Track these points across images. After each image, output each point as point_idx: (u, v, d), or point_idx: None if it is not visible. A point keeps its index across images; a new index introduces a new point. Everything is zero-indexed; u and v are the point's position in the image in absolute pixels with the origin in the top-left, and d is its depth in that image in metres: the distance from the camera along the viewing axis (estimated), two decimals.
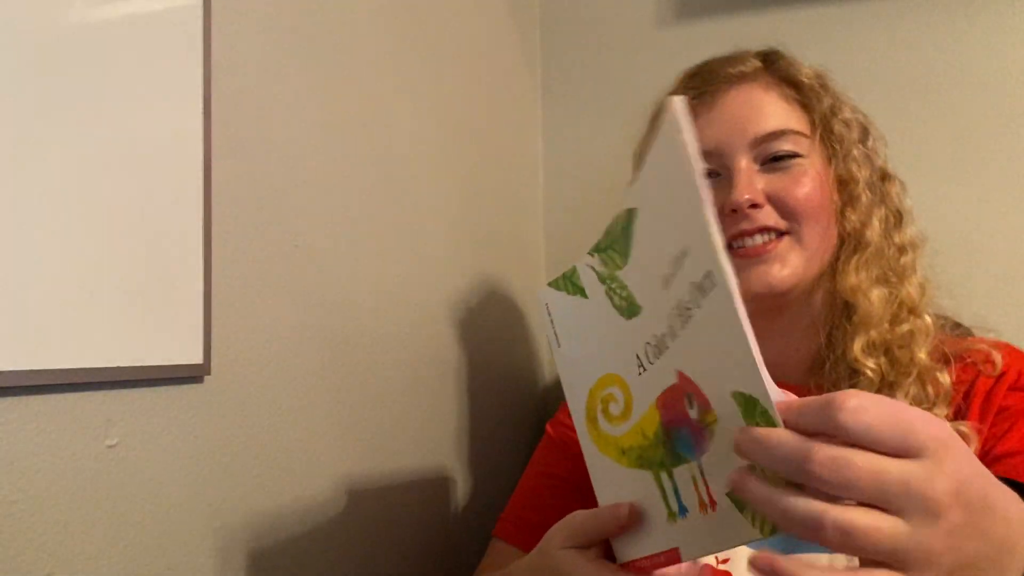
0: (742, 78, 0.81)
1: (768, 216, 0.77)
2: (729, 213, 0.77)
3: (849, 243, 0.79)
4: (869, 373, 0.75)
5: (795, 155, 0.78)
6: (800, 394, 0.79)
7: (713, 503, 0.49)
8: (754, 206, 0.76)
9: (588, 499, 0.83)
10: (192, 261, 0.67)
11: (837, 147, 0.79)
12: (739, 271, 0.74)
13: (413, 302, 0.96)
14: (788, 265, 0.77)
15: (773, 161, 0.78)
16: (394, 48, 0.95)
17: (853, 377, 0.76)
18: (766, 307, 0.80)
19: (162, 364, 0.64)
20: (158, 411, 0.65)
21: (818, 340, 0.80)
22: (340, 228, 0.85)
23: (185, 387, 0.67)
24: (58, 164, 0.57)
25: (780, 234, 0.77)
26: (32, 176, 0.55)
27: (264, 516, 0.75)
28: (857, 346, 0.76)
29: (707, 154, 0.79)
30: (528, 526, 0.85)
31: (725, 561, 0.75)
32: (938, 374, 0.74)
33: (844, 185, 0.80)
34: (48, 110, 0.56)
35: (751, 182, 0.77)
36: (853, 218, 0.79)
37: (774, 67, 0.82)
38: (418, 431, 0.97)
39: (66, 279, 0.57)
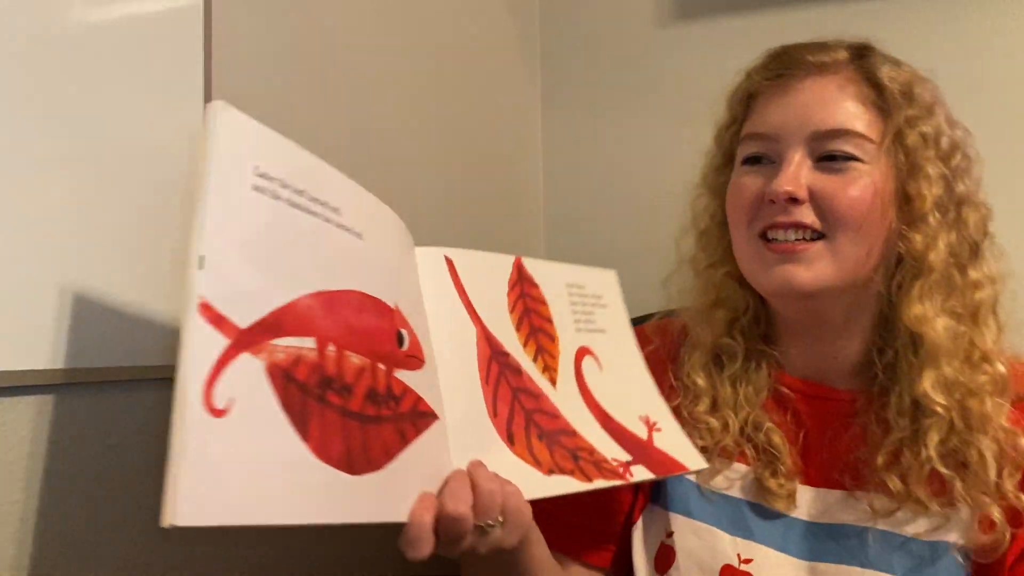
0: (822, 69, 0.77)
1: (806, 214, 0.73)
2: (767, 202, 0.75)
3: (909, 265, 0.74)
4: (939, 410, 0.71)
5: (852, 158, 0.74)
6: (844, 399, 0.79)
7: None
8: (793, 200, 0.73)
9: (611, 493, 0.83)
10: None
11: (906, 160, 0.74)
12: (767, 266, 0.75)
13: None
14: (813, 269, 0.73)
15: (828, 160, 0.74)
16: (393, 49, 0.95)
17: (921, 415, 0.72)
18: (798, 308, 0.78)
19: (165, 364, 0.64)
20: (160, 410, 0.65)
21: (861, 351, 0.78)
22: None
23: None
24: (58, 165, 0.57)
25: (816, 236, 0.74)
26: (32, 177, 0.56)
27: None
28: (927, 382, 0.72)
29: (764, 137, 0.77)
30: (550, 522, 0.80)
31: (748, 561, 0.75)
32: (1019, 439, 0.70)
33: (909, 202, 0.74)
34: (49, 110, 0.57)
35: (796, 175, 0.74)
36: (917, 239, 0.74)
37: (861, 62, 0.77)
38: None
39: (67, 280, 0.57)
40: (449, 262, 0.68)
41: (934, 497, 0.71)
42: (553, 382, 0.72)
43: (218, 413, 0.44)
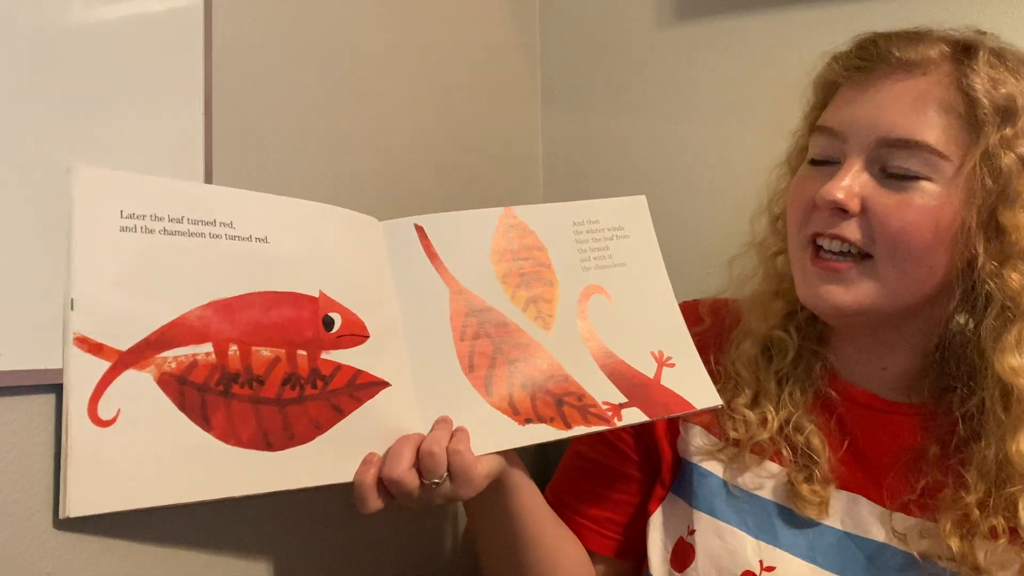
0: (909, 68, 0.68)
1: (851, 230, 0.67)
2: (817, 208, 0.69)
3: (1003, 307, 0.66)
4: None
5: (918, 176, 0.66)
6: (896, 412, 0.74)
7: None
8: (840, 210, 0.67)
9: (622, 483, 0.83)
10: None
11: (996, 185, 0.65)
12: (808, 281, 0.71)
13: None
14: (852, 292, 0.68)
15: (891, 174, 0.67)
16: (394, 48, 0.94)
17: (1008, 478, 0.65)
18: (839, 323, 0.75)
19: None
20: None
21: (915, 367, 0.74)
22: None
23: None
24: (59, 165, 0.57)
25: (862, 255, 0.68)
26: (32, 176, 0.56)
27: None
28: (1023, 442, 0.65)
29: (831, 133, 0.71)
30: (559, 505, 0.83)
31: (770, 569, 0.73)
32: None
33: (1003, 234, 0.66)
34: (48, 111, 0.56)
35: (850, 183, 0.67)
36: (1013, 278, 0.65)
37: (958, 66, 0.67)
38: None
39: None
40: (419, 229, 0.72)
41: (999, 563, 0.66)
42: (547, 328, 0.73)
43: (104, 423, 0.53)
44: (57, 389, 0.56)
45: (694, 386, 0.74)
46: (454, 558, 0.98)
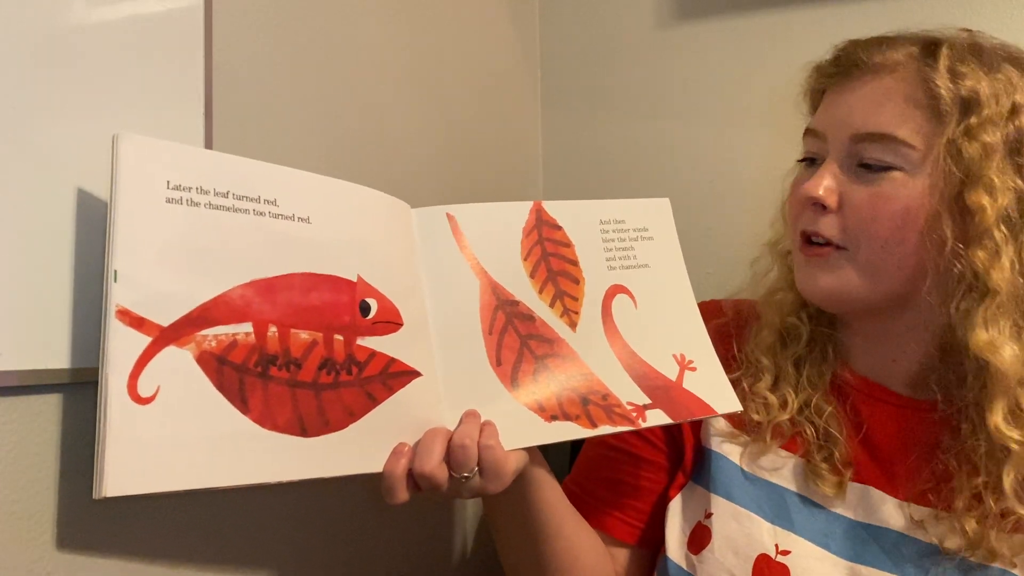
0: (878, 70, 0.73)
1: (828, 226, 0.72)
2: (798, 205, 0.75)
3: (970, 286, 0.69)
4: (1014, 447, 0.67)
5: (889, 167, 0.70)
6: (906, 405, 0.76)
7: None
8: (819, 205, 0.72)
9: (647, 470, 0.84)
10: None
11: (961, 171, 0.68)
12: (800, 269, 0.76)
13: None
14: (837, 276, 0.72)
15: (865, 167, 0.71)
16: (393, 48, 0.95)
17: (997, 451, 0.68)
18: (837, 311, 0.78)
19: None
20: None
21: (920, 361, 0.75)
22: None
23: None
24: (59, 165, 0.57)
25: (837, 247, 0.72)
26: (33, 176, 0.55)
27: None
28: (998, 415, 0.67)
29: (815, 134, 0.76)
30: (583, 494, 0.83)
31: (785, 553, 0.73)
32: None
33: (968, 215, 0.68)
34: (49, 111, 0.56)
35: (826, 180, 0.72)
36: (979, 256, 0.68)
37: (922, 64, 0.72)
38: None
39: (68, 280, 0.57)
40: (451, 219, 0.71)
41: (1012, 549, 0.68)
42: (573, 326, 0.72)
43: (144, 401, 0.51)
44: (59, 389, 0.56)
45: (715, 390, 0.74)
46: (462, 557, 0.98)
